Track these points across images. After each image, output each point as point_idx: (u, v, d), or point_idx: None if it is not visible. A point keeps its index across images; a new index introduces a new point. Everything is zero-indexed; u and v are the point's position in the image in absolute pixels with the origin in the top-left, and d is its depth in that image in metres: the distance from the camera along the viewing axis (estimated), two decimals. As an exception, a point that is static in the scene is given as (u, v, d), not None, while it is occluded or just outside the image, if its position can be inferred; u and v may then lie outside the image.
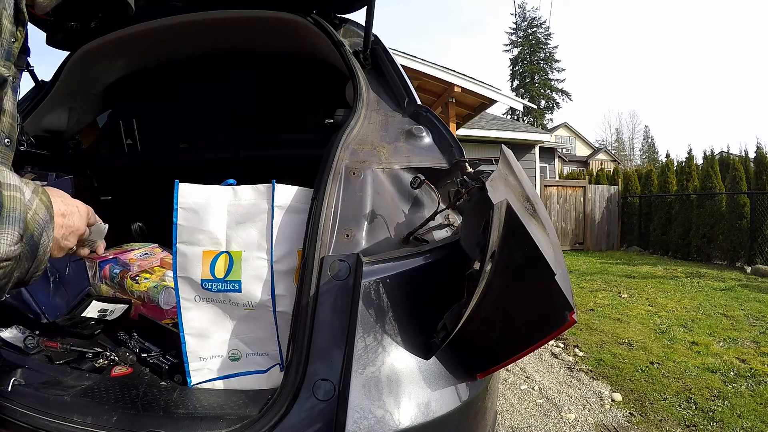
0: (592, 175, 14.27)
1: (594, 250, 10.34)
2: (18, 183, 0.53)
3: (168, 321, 1.16)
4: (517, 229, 0.64)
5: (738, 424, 2.31)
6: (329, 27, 1.30)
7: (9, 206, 0.50)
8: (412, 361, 0.72)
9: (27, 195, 0.54)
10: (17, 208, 0.51)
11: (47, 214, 0.57)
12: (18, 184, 0.53)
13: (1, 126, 0.60)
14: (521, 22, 38.18)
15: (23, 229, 0.52)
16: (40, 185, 0.58)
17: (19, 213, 0.51)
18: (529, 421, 2.41)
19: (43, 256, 0.57)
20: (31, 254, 0.55)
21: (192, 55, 1.69)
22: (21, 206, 0.52)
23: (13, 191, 0.52)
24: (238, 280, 0.89)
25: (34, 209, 0.55)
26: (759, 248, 7.53)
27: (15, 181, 0.53)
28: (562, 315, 0.66)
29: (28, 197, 0.54)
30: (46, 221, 0.57)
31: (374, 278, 0.74)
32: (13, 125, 0.61)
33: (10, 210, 0.50)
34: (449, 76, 7.21)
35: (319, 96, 1.80)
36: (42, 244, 0.56)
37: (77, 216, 0.67)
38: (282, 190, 0.90)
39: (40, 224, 0.56)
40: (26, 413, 0.74)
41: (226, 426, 0.72)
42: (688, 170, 9.41)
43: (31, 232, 0.54)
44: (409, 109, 1.13)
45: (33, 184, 0.57)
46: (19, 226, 0.51)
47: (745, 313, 4.55)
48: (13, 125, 0.62)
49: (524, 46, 38.32)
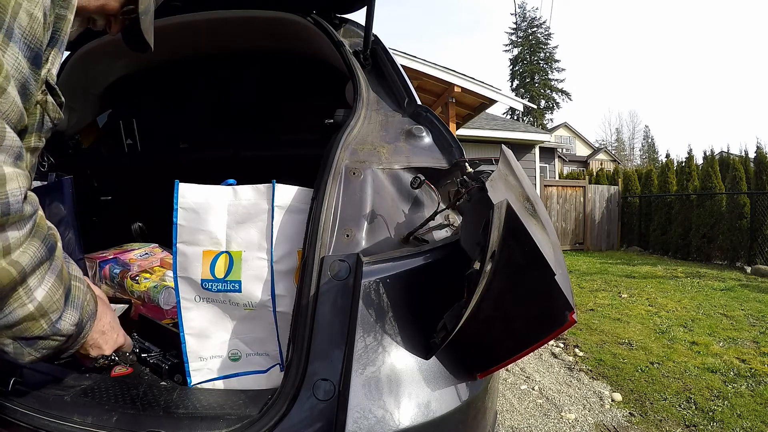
0: (592, 175, 14.27)
1: (594, 250, 10.34)
2: (81, 275, 0.64)
3: (168, 321, 1.16)
4: (517, 229, 0.64)
5: (738, 424, 2.31)
6: (329, 27, 1.29)
7: (75, 294, 0.61)
8: (412, 361, 0.72)
9: (84, 287, 0.64)
10: (80, 297, 0.62)
11: (94, 307, 0.67)
12: (81, 277, 0.64)
13: None
14: (521, 22, 38.25)
15: (81, 314, 0.62)
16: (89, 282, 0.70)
17: (81, 301, 0.62)
18: (529, 421, 2.41)
19: (81, 340, 0.65)
20: (77, 335, 0.63)
21: (192, 55, 1.68)
22: (82, 296, 0.62)
23: (78, 282, 0.62)
24: (238, 280, 0.89)
25: (88, 300, 0.65)
26: (759, 248, 7.53)
27: (80, 273, 0.64)
28: (562, 315, 0.66)
29: (84, 289, 0.64)
30: (93, 312, 0.67)
31: (374, 278, 0.74)
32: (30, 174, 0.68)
33: (75, 297, 0.61)
34: (449, 76, 7.21)
35: (319, 96, 1.80)
36: (85, 330, 0.65)
37: (111, 341, 0.74)
38: (282, 190, 0.90)
39: (90, 313, 0.65)
40: (26, 413, 0.74)
41: (226, 426, 0.72)
42: (688, 170, 9.41)
43: (81, 318, 0.63)
44: (409, 109, 1.13)
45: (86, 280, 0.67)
46: (79, 312, 0.61)
47: (745, 313, 4.55)
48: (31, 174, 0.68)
49: (524, 46, 38.33)
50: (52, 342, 0.58)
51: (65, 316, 0.58)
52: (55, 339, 0.58)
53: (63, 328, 0.58)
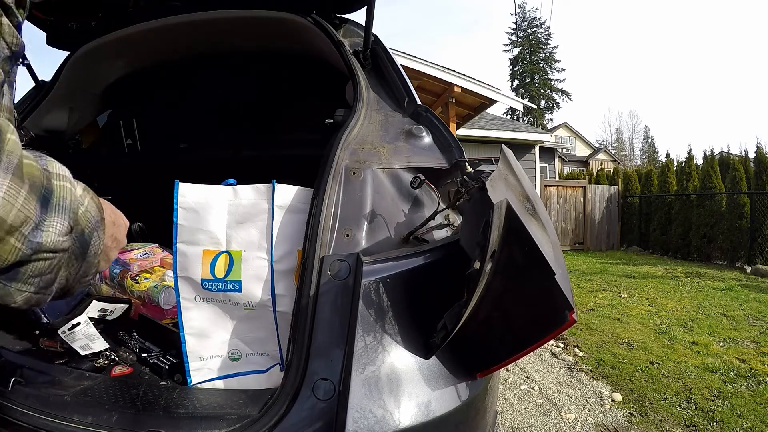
0: (592, 175, 14.27)
1: (594, 250, 10.34)
2: (69, 175, 0.49)
3: (168, 321, 1.16)
4: (517, 229, 0.64)
5: (738, 424, 2.31)
6: (329, 27, 1.30)
7: (59, 195, 0.46)
8: (412, 360, 0.72)
9: (78, 190, 0.50)
10: (67, 198, 0.47)
11: (98, 214, 0.53)
12: (69, 176, 0.49)
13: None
14: (521, 22, 38.24)
15: (74, 221, 0.48)
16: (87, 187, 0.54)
17: (70, 203, 0.47)
18: (529, 421, 2.41)
19: (93, 258, 0.53)
20: (81, 253, 0.50)
21: (192, 55, 1.69)
22: (72, 197, 0.48)
23: (63, 181, 0.47)
24: (238, 280, 0.89)
25: (86, 206, 0.51)
26: (759, 248, 7.53)
27: (66, 172, 0.49)
28: (562, 315, 0.66)
29: (79, 192, 0.50)
30: (98, 221, 0.53)
31: (374, 278, 0.74)
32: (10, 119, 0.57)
33: (60, 198, 0.46)
34: (449, 76, 7.21)
35: (319, 96, 1.80)
36: (93, 244, 0.52)
37: (123, 228, 0.63)
38: (282, 189, 0.90)
39: (92, 222, 0.51)
40: (26, 413, 0.74)
41: (226, 426, 0.72)
42: (688, 170, 9.40)
43: (82, 228, 0.50)
44: (409, 109, 1.13)
45: (83, 184, 0.52)
46: (69, 217, 0.47)
47: (745, 313, 4.55)
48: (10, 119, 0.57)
49: (524, 46, 38.30)
50: (41, 264, 0.45)
51: (46, 225, 0.44)
52: (41, 258, 0.44)
53: (47, 241, 0.44)
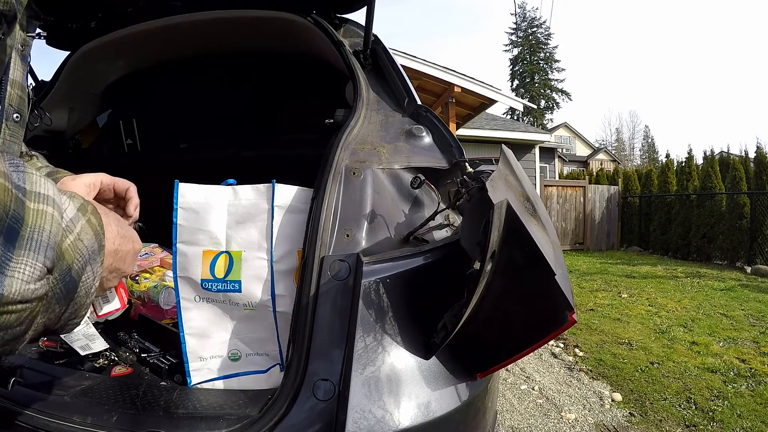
0: (592, 175, 14.27)
1: (594, 250, 10.34)
2: (54, 194, 0.38)
3: (168, 321, 1.16)
4: (517, 229, 0.64)
5: (738, 424, 2.31)
6: (329, 27, 1.30)
7: (34, 224, 0.34)
8: (412, 360, 0.72)
9: (68, 213, 0.39)
10: (46, 229, 0.35)
11: (95, 242, 0.42)
12: (54, 196, 0.37)
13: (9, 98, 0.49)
14: (521, 22, 38.24)
15: (53, 258, 0.36)
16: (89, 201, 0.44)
17: (49, 235, 0.36)
18: (529, 421, 2.41)
19: (85, 299, 0.41)
20: (66, 295, 0.39)
21: (192, 55, 1.68)
22: (53, 227, 0.36)
23: (42, 204, 0.36)
24: (238, 280, 0.89)
25: (77, 233, 0.39)
26: (759, 248, 7.53)
27: (49, 191, 0.37)
28: (562, 315, 0.66)
29: (69, 215, 0.39)
30: (93, 251, 0.41)
31: (374, 278, 0.74)
32: (23, 98, 0.52)
33: (35, 230, 0.34)
34: (449, 76, 7.21)
35: (319, 96, 1.80)
36: (84, 282, 0.40)
37: (130, 256, 0.52)
38: (282, 190, 0.90)
39: (84, 255, 0.40)
40: (26, 413, 0.74)
41: (226, 426, 0.72)
42: (688, 170, 9.41)
43: (68, 265, 0.38)
44: (409, 109, 1.13)
45: (80, 199, 0.42)
46: (45, 255, 0.35)
47: (745, 313, 4.55)
48: (23, 98, 0.53)
49: (524, 46, 38.30)
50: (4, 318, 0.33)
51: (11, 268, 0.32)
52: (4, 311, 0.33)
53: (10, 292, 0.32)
